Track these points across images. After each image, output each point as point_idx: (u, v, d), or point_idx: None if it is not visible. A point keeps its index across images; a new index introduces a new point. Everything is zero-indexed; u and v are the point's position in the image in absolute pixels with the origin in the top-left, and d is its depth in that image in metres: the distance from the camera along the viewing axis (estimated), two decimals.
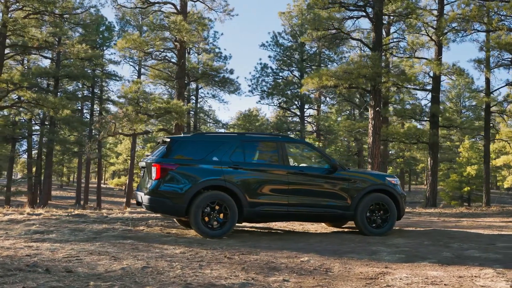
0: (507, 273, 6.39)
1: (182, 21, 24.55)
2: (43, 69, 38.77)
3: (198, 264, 6.63)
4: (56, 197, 60.45)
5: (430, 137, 23.96)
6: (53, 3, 23.49)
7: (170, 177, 9.23)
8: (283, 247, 8.32)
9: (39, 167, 44.49)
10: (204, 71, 32.17)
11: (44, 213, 13.87)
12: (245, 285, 5.56)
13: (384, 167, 34.83)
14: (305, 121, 43.10)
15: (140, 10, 28.65)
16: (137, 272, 5.98)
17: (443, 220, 14.44)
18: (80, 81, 43.52)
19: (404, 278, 6.04)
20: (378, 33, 21.40)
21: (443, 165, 65.47)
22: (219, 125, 47.88)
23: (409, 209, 19.49)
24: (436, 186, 24.60)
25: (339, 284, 5.75)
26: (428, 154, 25.22)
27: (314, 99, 40.23)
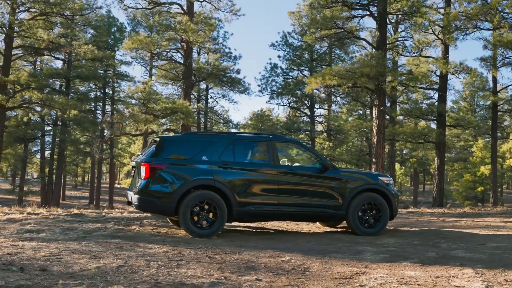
0: (486, 273, 6.31)
1: (188, 21, 24.62)
2: (54, 70, 39.10)
3: (176, 263, 6.64)
4: (71, 197, 61.03)
5: (436, 137, 23.76)
6: (59, 5, 23.67)
7: (159, 176, 9.25)
8: (269, 246, 8.30)
9: (52, 168, 44.87)
10: (211, 71, 32.16)
11: (45, 212, 13.94)
12: (215, 284, 5.55)
13: (392, 166, 34.65)
14: (315, 121, 42.93)
15: (152, 11, 28.60)
16: (111, 271, 6.00)
17: (442, 220, 14.30)
18: (92, 82, 43.75)
19: (379, 278, 5.99)
20: (382, 32, 21.26)
21: (457, 165, 64.89)
22: (229, 125, 47.89)
23: (412, 209, 19.36)
24: (443, 186, 24.37)
25: (311, 283, 5.72)
26: (435, 154, 24.98)
27: (319, 98, 40.04)
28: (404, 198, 59.01)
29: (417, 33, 24.35)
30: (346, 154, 43.07)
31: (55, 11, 24.46)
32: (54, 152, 44.09)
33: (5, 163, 63.00)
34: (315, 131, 42.43)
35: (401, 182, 59.87)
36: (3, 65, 25.83)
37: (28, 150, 44.86)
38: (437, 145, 24.14)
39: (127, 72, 45.06)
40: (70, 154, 49.43)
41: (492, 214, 16.40)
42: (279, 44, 41.42)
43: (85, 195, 60.79)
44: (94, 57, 38.43)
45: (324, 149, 43.27)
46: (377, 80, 19.69)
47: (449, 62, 23.54)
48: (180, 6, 26.72)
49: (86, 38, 41.60)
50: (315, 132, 41.71)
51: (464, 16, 18.43)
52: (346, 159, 41.09)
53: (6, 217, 12.13)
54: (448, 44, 22.92)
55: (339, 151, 42.02)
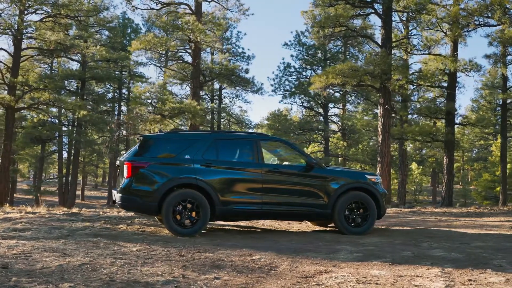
0: (453, 272, 6.20)
1: (195, 21, 24.68)
2: (69, 71, 39.55)
3: (143, 261, 6.63)
4: (90, 197, 61.71)
5: (445, 135, 23.43)
6: (66, 6, 23.92)
7: (141, 175, 9.27)
8: (248, 245, 8.25)
9: (69, 168, 45.38)
10: (219, 71, 32.19)
11: (44, 212, 14.08)
12: (170, 282, 5.53)
13: (403, 166, 34.31)
14: (328, 121, 42.69)
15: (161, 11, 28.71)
16: (72, 269, 6.02)
17: (439, 220, 14.08)
18: (107, 83, 44.13)
19: (340, 277, 5.92)
20: (387, 30, 21.03)
21: (477, 164, 64.02)
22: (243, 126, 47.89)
23: (415, 209, 19.11)
24: (452, 185, 24.01)
25: (268, 282, 5.67)
26: (444, 153, 24.64)
27: (322, 96, 39.60)
28: (422, 197, 58.43)
29: (425, 31, 24.03)
30: (361, 153, 42.72)
31: (63, 13, 24.71)
32: (70, 153, 44.58)
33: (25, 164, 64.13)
34: (329, 131, 42.14)
35: (419, 182, 59.11)
36: (12, 66, 26.19)
37: (45, 151, 45.39)
38: (446, 144, 23.80)
39: (142, 73, 45.27)
40: (88, 154, 49.96)
41: (495, 214, 16.11)
42: (292, 43, 41.35)
43: (104, 195, 61.35)
44: (106, 58, 38.91)
45: (338, 148, 43.05)
46: (380, 78, 19.48)
47: (458, 59, 23.19)
48: (188, 6, 26.80)
49: (102, 40, 42.01)
50: (328, 131, 41.42)
51: (466, 12, 18.15)
52: (361, 159, 40.80)
53: (3, 216, 12.25)
54: (457, 40, 22.59)
55: (353, 150, 41.70)
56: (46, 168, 72.47)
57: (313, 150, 43.02)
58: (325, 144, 41.87)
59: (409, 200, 57.76)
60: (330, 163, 43.27)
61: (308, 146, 43.63)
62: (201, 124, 38.58)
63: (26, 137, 40.09)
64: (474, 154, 72.13)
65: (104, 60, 41.09)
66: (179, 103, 24.62)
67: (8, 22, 24.58)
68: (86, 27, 32.63)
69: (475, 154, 71.22)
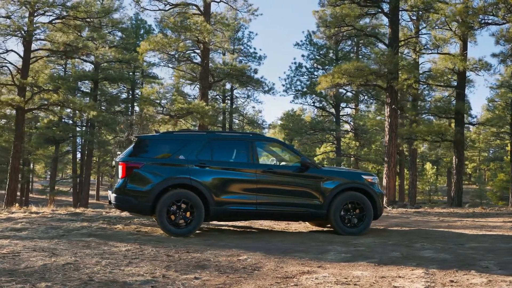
0: (437, 274, 6.15)
1: (204, 22, 24.74)
2: (81, 72, 39.86)
3: (128, 261, 6.67)
4: (105, 197, 62.04)
5: (454, 135, 23.20)
6: (75, 8, 24.13)
7: (136, 175, 9.32)
8: (239, 245, 8.26)
9: (82, 168, 45.74)
10: (228, 71, 32.21)
11: (48, 211, 14.22)
12: (148, 282, 5.56)
13: (413, 166, 34.06)
14: (340, 120, 42.51)
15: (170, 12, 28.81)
16: (55, 268, 6.07)
17: (441, 220, 13.95)
18: (119, 83, 44.38)
19: (321, 277, 5.90)
20: (394, 29, 20.89)
21: (493, 164, 63.33)
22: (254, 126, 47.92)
23: (421, 209, 18.96)
24: (461, 185, 23.74)
25: (247, 282, 5.66)
26: (453, 153, 24.40)
27: (329, 96, 39.47)
28: (436, 197, 57.96)
29: (434, 30, 23.80)
30: (374, 153, 42.44)
31: (71, 14, 24.93)
32: (84, 153, 44.93)
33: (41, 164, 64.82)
34: (341, 131, 41.97)
35: (433, 182, 58.69)
36: (22, 67, 26.47)
37: (59, 151, 45.81)
38: (455, 144, 23.57)
39: (155, 74, 45.40)
40: (102, 155, 50.29)
41: (501, 214, 15.90)
42: (303, 43, 41.27)
43: None
44: (119, 59, 39.13)
45: (350, 148, 42.84)
46: (385, 77, 19.35)
47: (468, 58, 22.96)
48: (197, 7, 26.88)
49: (115, 41, 42.23)
50: (340, 131, 41.25)
51: (471, 11, 17.95)
52: (373, 159, 40.52)
53: (7, 216, 12.40)
54: (466, 39, 22.37)
55: (366, 150, 41.44)
56: (62, 169, 73.33)
57: (325, 150, 42.88)
58: (336, 144, 41.69)
59: (423, 200, 57.42)
60: (342, 163, 43.15)
61: (320, 146, 43.50)
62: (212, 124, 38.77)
63: (40, 138, 40.55)
64: (491, 154, 71.40)
65: (117, 61, 41.30)
66: (188, 103, 24.65)
67: (18, 24, 24.84)
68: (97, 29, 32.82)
69: (492, 154, 70.49)
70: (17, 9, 24.63)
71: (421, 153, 66.20)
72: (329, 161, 43.49)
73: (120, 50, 40.24)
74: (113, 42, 41.67)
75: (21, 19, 25.08)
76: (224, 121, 43.13)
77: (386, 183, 21.40)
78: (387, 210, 17.61)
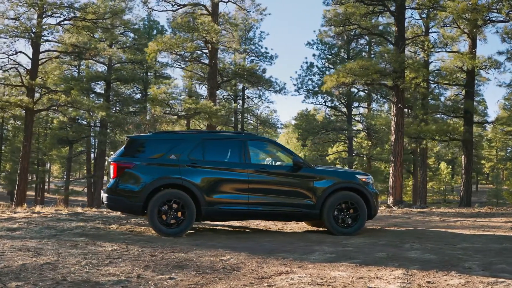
0: (417, 274, 6.07)
1: (211, 22, 24.76)
2: (94, 73, 40.14)
3: (109, 261, 6.68)
4: None
5: (463, 134, 22.93)
6: (83, 9, 24.31)
7: (127, 175, 9.34)
8: (227, 245, 8.23)
9: (96, 169, 46.07)
10: (237, 71, 32.20)
11: (51, 211, 14.31)
12: (121, 282, 5.56)
13: (424, 165, 33.75)
14: (352, 120, 42.26)
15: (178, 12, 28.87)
16: (33, 268, 6.10)
17: (442, 220, 13.79)
18: (132, 84, 44.59)
19: (297, 278, 5.85)
20: (400, 27, 20.69)
21: (510, 163, 62.52)
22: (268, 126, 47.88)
23: (427, 209, 18.76)
24: (471, 185, 23.45)
25: (220, 283, 5.64)
26: (462, 152, 24.11)
27: (336, 95, 39.19)
28: (452, 197, 57.31)
29: (441, 28, 23.52)
30: (387, 153, 42.12)
31: (79, 16, 25.12)
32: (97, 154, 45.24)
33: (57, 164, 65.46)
34: (353, 130, 41.74)
35: (448, 181, 58.11)
36: (31, 69, 26.73)
37: (73, 151, 46.21)
38: (464, 143, 23.29)
39: (168, 74, 45.49)
40: None
41: (505, 214, 15.64)
42: (314, 42, 41.08)
43: None
44: (131, 59, 39.34)
45: (362, 148, 42.60)
46: (390, 76, 19.17)
47: (477, 56, 22.65)
48: (204, 7, 26.90)
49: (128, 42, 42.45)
50: (352, 131, 41.02)
51: (473, 8, 17.68)
52: (385, 158, 40.20)
53: (9, 216, 12.50)
54: (475, 37, 22.09)
55: (378, 150, 41.16)
56: (79, 169, 73.99)
57: (337, 149, 42.68)
58: (348, 144, 41.47)
59: (438, 200, 56.89)
60: (354, 162, 42.92)
61: (332, 146, 43.32)
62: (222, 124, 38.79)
63: (53, 139, 40.93)
64: (508, 153, 70.57)
65: (129, 62, 41.53)
66: (195, 103, 24.69)
67: (26, 25, 25.09)
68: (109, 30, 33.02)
69: (509, 153, 69.66)
70: (26, 10, 24.92)
71: (437, 152, 65.72)
72: (341, 161, 43.32)
73: (133, 51, 40.44)
74: (126, 43, 41.93)
75: (29, 20, 25.36)
76: (236, 121, 43.13)
77: (392, 182, 21.23)
78: (391, 210, 17.48)
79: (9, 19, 24.82)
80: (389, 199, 21.52)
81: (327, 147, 44.26)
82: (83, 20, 25.54)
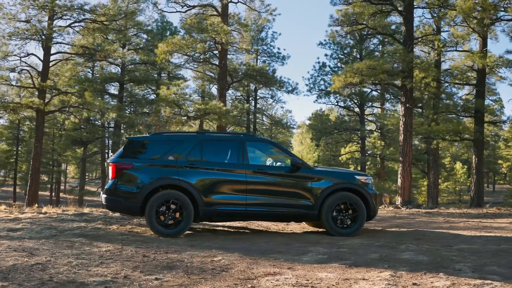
0: (404, 276, 6.04)
1: (220, 22, 24.81)
2: (107, 74, 40.43)
3: (100, 262, 6.73)
4: None
5: (474, 134, 22.70)
6: (93, 12, 24.52)
7: (125, 176, 9.41)
8: (222, 246, 8.25)
9: None
10: (247, 72, 32.21)
11: (59, 212, 14.44)
12: (106, 283, 5.60)
13: (435, 165, 33.45)
14: (364, 120, 42.04)
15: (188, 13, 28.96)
16: (22, 268, 6.16)
17: (446, 221, 13.67)
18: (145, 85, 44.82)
19: (283, 279, 5.85)
20: (409, 27, 20.56)
21: None
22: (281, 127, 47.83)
23: (435, 209, 18.61)
24: (482, 185, 23.20)
25: (205, 284, 5.65)
26: (473, 152, 23.87)
27: (344, 95, 38.91)
28: (467, 197, 56.68)
29: (453, 27, 23.28)
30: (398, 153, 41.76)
31: (89, 18, 25.34)
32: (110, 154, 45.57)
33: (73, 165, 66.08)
34: (366, 130, 41.53)
35: (463, 181, 57.55)
36: (42, 70, 27.02)
37: (87, 152, 46.60)
38: (474, 143, 23.05)
39: (181, 75, 45.66)
40: None
41: None
42: (327, 42, 40.95)
43: None
44: (144, 61, 39.58)
45: (375, 148, 42.35)
46: (397, 75, 19.04)
47: (488, 55, 22.38)
48: (214, 8, 26.96)
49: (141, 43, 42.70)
50: (365, 131, 40.81)
51: (480, 6, 17.49)
52: (398, 158, 39.91)
53: (15, 216, 12.65)
54: (485, 36, 21.85)
55: (392, 150, 40.88)
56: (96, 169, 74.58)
57: (350, 149, 42.50)
58: (361, 144, 41.28)
59: (453, 200, 56.39)
60: (367, 162, 42.71)
61: (345, 146, 43.14)
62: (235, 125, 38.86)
63: (67, 139, 41.31)
64: None
65: (142, 63, 41.79)
66: (205, 104, 24.77)
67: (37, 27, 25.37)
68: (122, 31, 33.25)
69: None
70: (37, 13, 25.22)
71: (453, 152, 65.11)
72: (354, 161, 43.12)
73: (146, 52, 40.65)
74: (139, 44, 42.20)
75: (40, 23, 25.64)
76: (249, 122, 43.16)
77: (400, 183, 21.10)
78: (398, 211, 17.38)
79: (20, 22, 25.16)
80: (397, 199, 21.39)
81: (340, 147, 44.09)
82: (94, 22, 25.77)
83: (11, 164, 52.51)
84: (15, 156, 50.50)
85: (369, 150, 43.52)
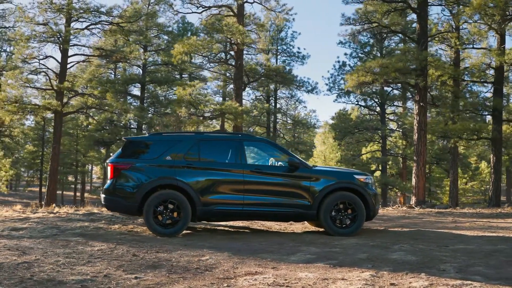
0: (384, 276, 6.00)
1: (235, 23, 24.88)
2: (128, 76, 40.84)
3: (88, 261, 6.82)
4: None
5: (492, 133, 22.30)
6: (109, 14, 24.82)
7: (123, 176, 9.51)
8: (216, 246, 8.27)
9: None
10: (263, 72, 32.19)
11: (70, 211, 14.61)
12: (84, 281, 5.67)
13: (454, 164, 32.93)
14: (385, 119, 41.67)
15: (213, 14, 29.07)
16: (8, 267, 6.28)
17: (454, 221, 13.48)
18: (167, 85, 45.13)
19: (261, 278, 5.86)
20: (423, 24, 20.29)
21: None
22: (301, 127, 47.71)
23: (448, 209, 18.35)
24: (500, 185, 22.79)
25: (182, 283, 5.69)
26: (491, 151, 23.46)
27: (356, 94, 38.58)
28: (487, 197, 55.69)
29: (470, 24, 22.92)
30: None
31: (106, 20, 25.65)
32: None
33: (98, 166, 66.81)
34: (387, 129, 41.15)
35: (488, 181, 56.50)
36: (60, 72, 27.46)
37: (110, 153, 47.12)
38: (492, 142, 22.65)
39: (204, 76, 45.91)
40: None
41: None
42: (346, 41, 40.68)
43: None
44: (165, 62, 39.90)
45: (397, 147, 41.96)
46: (410, 74, 18.82)
47: (506, 53, 21.96)
48: (230, 9, 27.03)
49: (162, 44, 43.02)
50: (385, 131, 40.45)
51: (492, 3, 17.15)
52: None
53: (26, 216, 12.87)
54: (503, 33, 21.47)
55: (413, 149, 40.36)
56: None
57: (371, 149, 42.17)
58: (382, 143, 40.93)
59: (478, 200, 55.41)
60: (388, 162, 42.31)
61: (367, 146, 42.83)
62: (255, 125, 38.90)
63: (90, 140, 41.88)
64: None
65: (163, 64, 42.13)
66: (220, 104, 24.85)
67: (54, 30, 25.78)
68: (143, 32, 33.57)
69: None
70: (54, 16, 25.62)
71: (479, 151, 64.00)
72: (375, 160, 42.76)
73: (167, 53, 40.95)
74: (160, 45, 42.54)
75: (57, 26, 26.05)
76: (269, 121, 43.16)
77: (415, 182, 20.87)
78: (410, 210, 17.19)
79: (38, 25, 25.59)
80: (412, 199, 21.15)
81: (361, 147, 43.78)
82: (111, 24, 26.09)
83: (37, 165, 53.43)
84: (41, 157, 51.36)
85: (391, 149, 43.14)
